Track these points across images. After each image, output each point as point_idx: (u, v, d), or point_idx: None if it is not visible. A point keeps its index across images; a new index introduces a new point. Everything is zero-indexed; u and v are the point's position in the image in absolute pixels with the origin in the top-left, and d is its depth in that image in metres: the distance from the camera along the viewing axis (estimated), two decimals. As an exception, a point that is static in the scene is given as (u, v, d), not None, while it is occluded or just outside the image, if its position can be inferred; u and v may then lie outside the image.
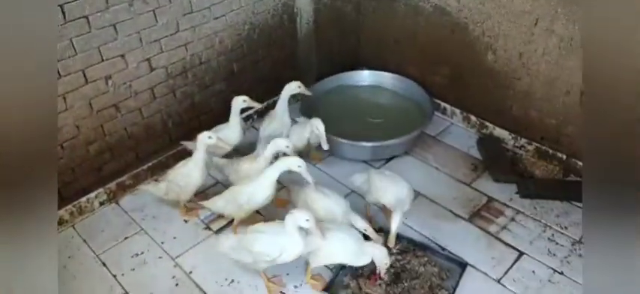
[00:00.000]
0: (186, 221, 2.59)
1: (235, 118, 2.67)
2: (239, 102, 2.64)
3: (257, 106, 2.70)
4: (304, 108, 3.14)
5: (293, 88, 2.75)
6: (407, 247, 2.36)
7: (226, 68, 3.00)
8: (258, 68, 3.18)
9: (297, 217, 1.98)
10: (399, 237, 2.32)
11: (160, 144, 2.86)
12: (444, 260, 2.33)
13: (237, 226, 2.45)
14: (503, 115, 3.02)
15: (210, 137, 2.39)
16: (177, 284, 2.28)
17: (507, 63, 2.85)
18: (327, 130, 2.57)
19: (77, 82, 2.38)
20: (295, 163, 2.23)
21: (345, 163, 2.96)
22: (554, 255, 2.36)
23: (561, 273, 2.28)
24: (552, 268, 2.30)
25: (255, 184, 2.28)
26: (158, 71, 2.68)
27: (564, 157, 2.81)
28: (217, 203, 2.39)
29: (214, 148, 2.53)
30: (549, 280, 2.24)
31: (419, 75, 3.33)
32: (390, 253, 2.23)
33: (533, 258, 2.35)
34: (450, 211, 2.62)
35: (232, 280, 2.28)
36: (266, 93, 3.21)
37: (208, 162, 2.48)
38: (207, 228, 2.56)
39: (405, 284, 2.19)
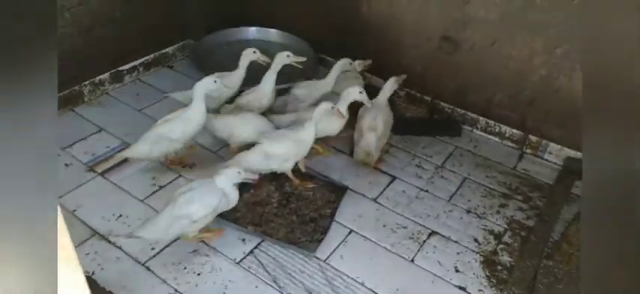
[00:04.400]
0: (66, 165, 2.50)
1: (242, 70, 2.76)
2: (249, 53, 2.73)
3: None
4: (195, 59, 3.17)
5: (283, 58, 2.69)
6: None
7: (108, 14, 2.91)
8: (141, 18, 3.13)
9: (229, 175, 2.03)
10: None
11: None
12: (327, 186, 2.54)
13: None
14: (379, 66, 3.32)
15: (215, 81, 2.35)
16: (59, 222, 2.20)
17: (379, 14, 3.15)
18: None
19: None
20: None
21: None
22: (420, 177, 2.70)
23: (426, 191, 2.62)
24: (419, 188, 2.63)
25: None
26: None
27: (429, 99, 3.19)
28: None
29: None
30: (416, 197, 2.57)
31: (304, 32, 3.51)
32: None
33: (404, 181, 2.67)
34: (332, 147, 2.85)
35: (120, 215, 2.27)
36: (152, 44, 3.17)
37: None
38: (91, 170, 2.50)
39: (293, 205, 2.37)
